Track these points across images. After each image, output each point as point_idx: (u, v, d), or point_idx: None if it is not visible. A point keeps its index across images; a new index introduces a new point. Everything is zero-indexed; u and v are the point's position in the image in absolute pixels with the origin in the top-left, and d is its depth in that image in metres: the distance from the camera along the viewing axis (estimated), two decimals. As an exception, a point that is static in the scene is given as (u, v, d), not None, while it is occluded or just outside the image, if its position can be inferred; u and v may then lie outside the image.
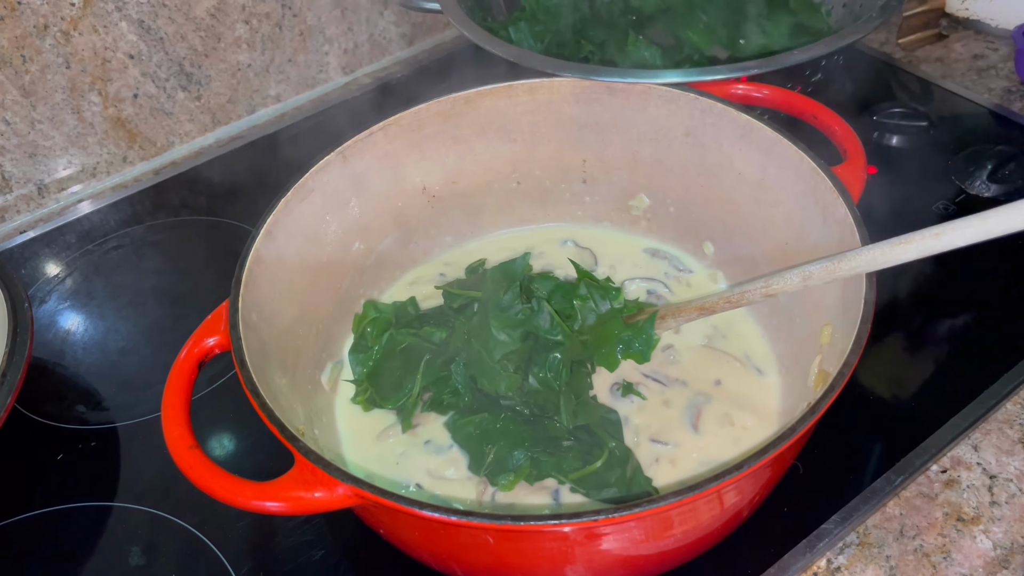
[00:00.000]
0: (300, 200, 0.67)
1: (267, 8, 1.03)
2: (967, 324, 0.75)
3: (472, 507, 0.62)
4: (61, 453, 0.73)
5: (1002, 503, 0.64)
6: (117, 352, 0.82)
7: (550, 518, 0.45)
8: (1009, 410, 0.69)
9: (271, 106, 1.11)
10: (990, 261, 0.79)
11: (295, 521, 0.65)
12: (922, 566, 0.60)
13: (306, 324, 0.69)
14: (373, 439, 0.68)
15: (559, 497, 0.62)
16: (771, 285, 0.58)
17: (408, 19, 1.16)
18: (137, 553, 0.65)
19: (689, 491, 0.45)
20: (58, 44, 0.92)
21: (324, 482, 0.48)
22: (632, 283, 0.77)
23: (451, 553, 0.54)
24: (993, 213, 0.47)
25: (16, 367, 0.65)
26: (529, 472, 0.62)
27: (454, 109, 0.74)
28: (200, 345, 0.58)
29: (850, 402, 0.68)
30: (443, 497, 0.63)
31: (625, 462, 0.62)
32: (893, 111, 0.94)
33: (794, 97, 0.73)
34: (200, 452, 0.51)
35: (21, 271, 0.91)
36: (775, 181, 0.67)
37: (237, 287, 0.59)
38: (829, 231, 0.61)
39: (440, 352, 0.68)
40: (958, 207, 0.84)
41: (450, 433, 0.66)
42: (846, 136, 0.68)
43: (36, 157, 0.97)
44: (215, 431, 0.73)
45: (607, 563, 0.52)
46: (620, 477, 0.61)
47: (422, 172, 0.76)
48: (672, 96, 0.71)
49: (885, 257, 0.52)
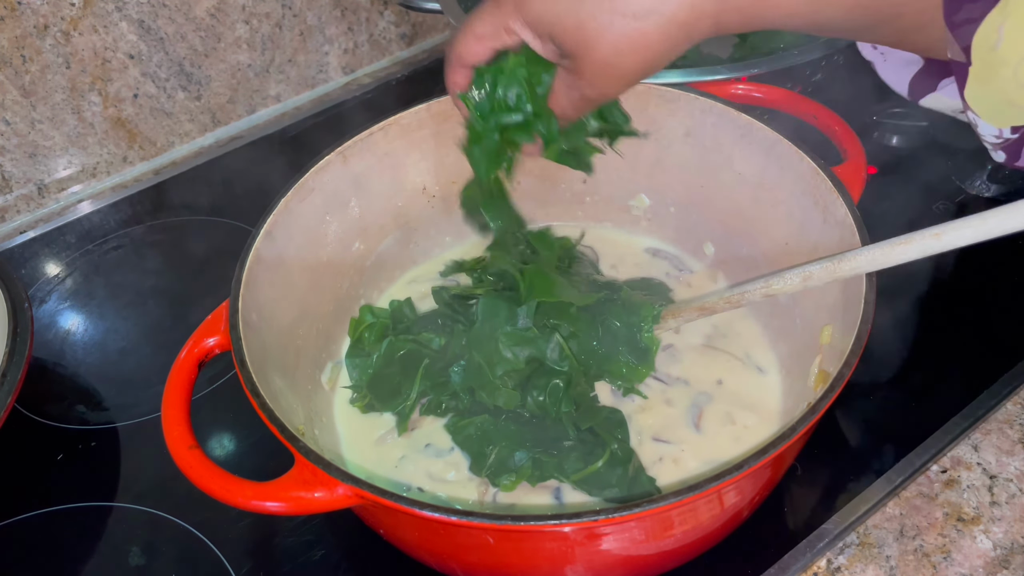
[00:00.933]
0: (300, 200, 0.67)
1: (267, 8, 1.03)
2: (967, 324, 0.75)
3: (474, 508, 0.62)
4: (61, 453, 0.73)
5: (1002, 503, 0.64)
6: (117, 352, 0.82)
7: (550, 518, 0.45)
8: (1009, 410, 0.69)
9: (271, 106, 1.11)
10: (990, 261, 0.79)
11: (295, 521, 0.65)
12: (922, 566, 0.60)
13: (306, 324, 0.69)
14: (373, 442, 0.68)
15: (561, 496, 0.62)
16: (771, 285, 0.58)
17: (408, 19, 1.16)
18: (137, 553, 0.65)
19: (689, 491, 0.45)
20: (58, 44, 0.92)
21: (324, 482, 0.48)
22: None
23: (451, 553, 0.54)
24: (993, 213, 0.47)
25: (16, 367, 0.65)
26: (531, 473, 0.62)
27: (454, 109, 0.74)
28: (200, 345, 0.58)
29: (850, 402, 0.68)
30: (445, 498, 0.63)
31: (627, 461, 0.62)
32: (893, 111, 0.94)
33: (794, 97, 0.73)
34: (200, 452, 0.51)
35: (21, 271, 0.91)
36: (775, 181, 0.67)
37: (237, 287, 0.59)
38: (829, 231, 0.61)
39: (439, 358, 0.68)
40: (958, 207, 0.84)
41: (450, 435, 0.66)
42: (846, 136, 0.68)
43: (36, 157, 0.97)
44: (215, 431, 0.73)
45: (607, 563, 0.52)
46: (622, 477, 0.61)
47: (422, 172, 0.76)
48: (672, 96, 0.71)
49: (886, 257, 0.52)
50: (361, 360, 0.70)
